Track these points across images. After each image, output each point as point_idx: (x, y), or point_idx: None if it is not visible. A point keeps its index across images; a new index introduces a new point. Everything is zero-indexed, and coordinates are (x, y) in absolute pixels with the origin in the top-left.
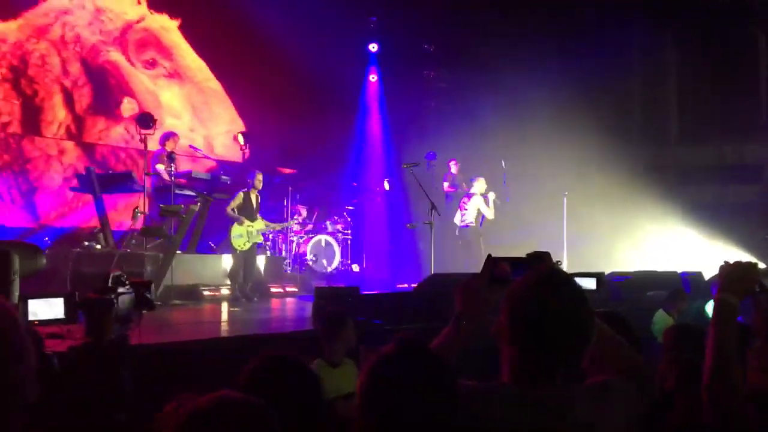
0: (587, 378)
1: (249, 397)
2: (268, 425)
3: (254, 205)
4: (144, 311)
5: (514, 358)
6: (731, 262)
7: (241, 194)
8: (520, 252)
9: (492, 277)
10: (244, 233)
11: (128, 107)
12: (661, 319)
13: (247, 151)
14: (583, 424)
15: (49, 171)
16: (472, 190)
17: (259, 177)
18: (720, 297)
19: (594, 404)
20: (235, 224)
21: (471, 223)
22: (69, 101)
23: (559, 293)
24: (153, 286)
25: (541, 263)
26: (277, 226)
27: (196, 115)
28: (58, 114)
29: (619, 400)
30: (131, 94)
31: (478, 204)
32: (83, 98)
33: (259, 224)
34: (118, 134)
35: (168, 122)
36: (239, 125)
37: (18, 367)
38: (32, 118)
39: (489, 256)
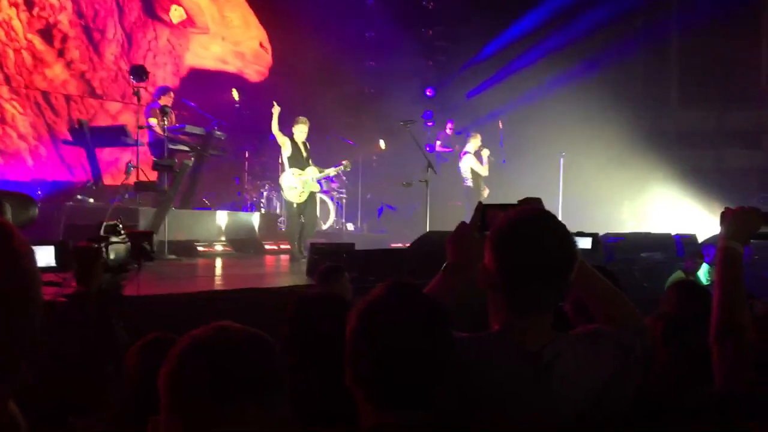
0: (574, 327)
1: (249, 327)
2: (268, 355)
3: (303, 154)
4: (142, 262)
5: (499, 300)
6: (732, 208)
7: (287, 141)
8: None
9: (483, 225)
10: (298, 183)
11: (176, 14)
12: (678, 277)
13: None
14: (573, 373)
15: None
16: (465, 148)
17: (300, 127)
18: (724, 245)
19: (584, 353)
20: (285, 174)
21: (468, 183)
22: (121, 15)
23: (540, 226)
24: (153, 236)
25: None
26: (331, 172)
27: (224, 24)
28: (116, 31)
29: (611, 349)
30: (177, 2)
31: (470, 163)
32: (133, 11)
33: (312, 171)
34: (164, 45)
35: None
36: (262, 34)
37: (37, 300)
38: (93, 40)
39: (479, 203)
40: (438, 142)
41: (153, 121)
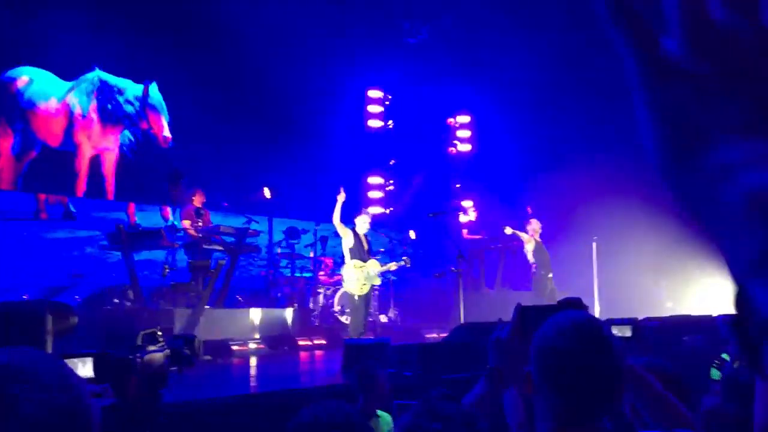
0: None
1: None
2: None
3: (365, 246)
4: (182, 368)
5: (547, 409)
6: None
7: (350, 232)
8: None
9: (524, 328)
10: (360, 276)
11: None
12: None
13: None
14: None
15: None
16: (525, 235)
17: (363, 219)
18: None
19: None
20: (347, 267)
21: (533, 269)
22: None
23: (582, 339)
24: (195, 342)
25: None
26: (392, 266)
27: None
28: None
29: None
30: None
31: (531, 248)
32: None
33: (374, 265)
34: None
35: None
36: None
37: None
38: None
39: (518, 305)
40: (465, 230)
41: (186, 223)
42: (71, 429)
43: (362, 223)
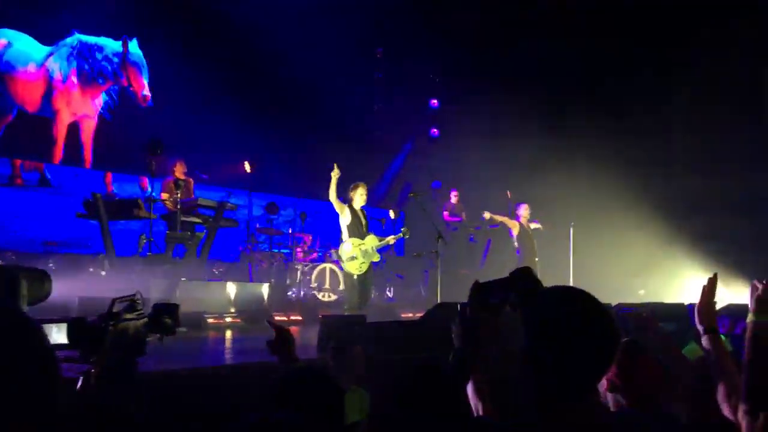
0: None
1: (291, 415)
2: None
3: (363, 221)
4: (163, 336)
5: (542, 384)
6: (764, 282)
7: (347, 209)
8: None
9: (483, 305)
10: (358, 254)
11: None
12: (692, 349)
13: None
14: None
15: None
16: (508, 220)
17: (359, 192)
18: (755, 320)
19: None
20: (344, 245)
21: (519, 254)
22: None
23: (584, 308)
24: (177, 310)
25: (525, 279)
26: (391, 240)
27: None
28: None
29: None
30: None
31: (515, 233)
32: None
33: (372, 240)
34: None
35: None
36: None
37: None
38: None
39: (475, 282)
40: (445, 212)
41: (164, 196)
42: (24, 370)
43: (358, 197)
